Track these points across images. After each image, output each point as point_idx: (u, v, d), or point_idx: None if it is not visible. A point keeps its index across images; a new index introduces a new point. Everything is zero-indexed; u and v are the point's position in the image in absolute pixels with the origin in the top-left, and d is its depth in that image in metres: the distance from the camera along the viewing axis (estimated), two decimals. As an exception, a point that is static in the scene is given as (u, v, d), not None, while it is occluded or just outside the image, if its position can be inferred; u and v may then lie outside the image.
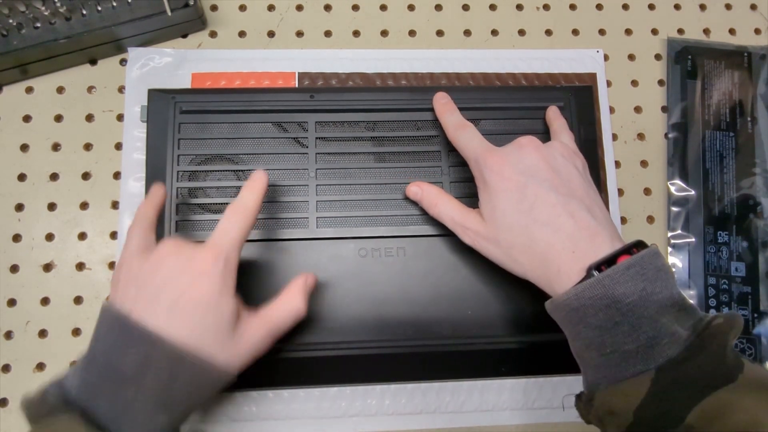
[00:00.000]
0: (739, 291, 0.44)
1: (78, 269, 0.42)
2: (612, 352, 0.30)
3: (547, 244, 0.32)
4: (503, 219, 0.34)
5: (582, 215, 0.32)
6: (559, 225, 0.32)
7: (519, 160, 0.34)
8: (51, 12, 0.41)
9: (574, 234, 0.32)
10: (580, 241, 0.32)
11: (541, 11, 0.49)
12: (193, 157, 0.40)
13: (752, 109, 0.47)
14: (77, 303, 0.41)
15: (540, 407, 0.42)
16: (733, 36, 0.50)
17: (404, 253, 0.40)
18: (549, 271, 0.32)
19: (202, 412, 0.40)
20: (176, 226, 0.39)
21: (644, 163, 0.47)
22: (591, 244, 0.31)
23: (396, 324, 0.39)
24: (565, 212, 0.32)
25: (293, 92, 0.43)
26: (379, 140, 0.42)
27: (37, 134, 0.44)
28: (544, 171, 0.34)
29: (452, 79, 0.46)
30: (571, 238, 0.32)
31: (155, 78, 0.44)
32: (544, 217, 0.33)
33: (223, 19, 0.47)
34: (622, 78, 0.48)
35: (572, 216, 0.32)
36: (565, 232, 0.32)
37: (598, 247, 0.31)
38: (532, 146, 0.35)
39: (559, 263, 0.32)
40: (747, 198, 0.46)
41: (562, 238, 0.32)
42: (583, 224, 0.32)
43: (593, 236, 0.32)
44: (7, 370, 0.40)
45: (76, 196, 0.43)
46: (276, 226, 0.40)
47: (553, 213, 0.32)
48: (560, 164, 0.35)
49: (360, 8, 0.48)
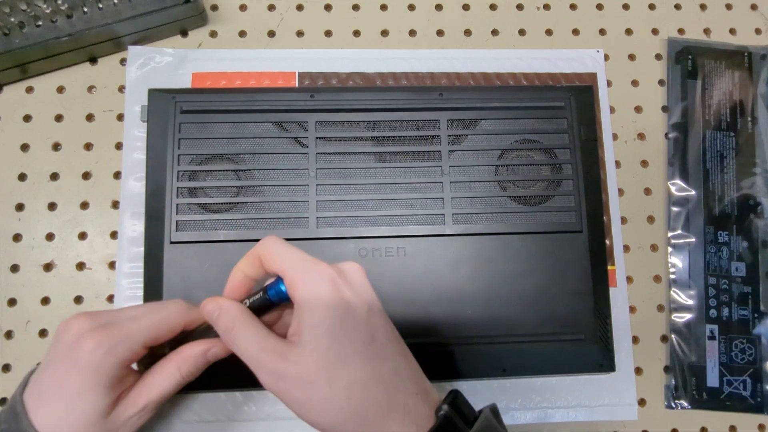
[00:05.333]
0: (739, 291, 0.44)
1: (78, 269, 0.42)
2: None
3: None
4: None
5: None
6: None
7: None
8: (52, 10, 0.41)
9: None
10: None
11: (541, 11, 0.49)
12: (193, 157, 0.40)
13: (753, 109, 0.47)
14: (77, 303, 0.41)
15: (540, 407, 0.42)
16: (733, 36, 0.50)
17: (404, 253, 0.40)
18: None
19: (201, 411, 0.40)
20: (176, 225, 0.39)
21: (644, 163, 0.47)
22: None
23: (396, 324, 0.39)
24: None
25: (293, 92, 0.43)
26: (380, 140, 0.42)
27: (38, 134, 0.44)
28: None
29: (452, 79, 0.46)
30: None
31: (155, 78, 0.44)
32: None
33: (223, 18, 0.47)
34: (622, 78, 0.48)
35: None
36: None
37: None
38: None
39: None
40: (747, 198, 0.46)
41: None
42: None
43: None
44: (7, 370, 0.40)
45: (77, 195, 0.43)
46: (276, 226, 0.40)
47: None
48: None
49: (360, 8, 0.48)
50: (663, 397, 0.43)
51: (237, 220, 0.40)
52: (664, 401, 0.43)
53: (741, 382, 0.43)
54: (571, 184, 0.42)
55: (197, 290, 0.38)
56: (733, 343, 0.43)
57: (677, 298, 0.44)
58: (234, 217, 0.40)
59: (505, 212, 0.41)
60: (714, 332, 0.43)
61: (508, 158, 0.42)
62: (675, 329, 0.44)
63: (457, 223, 0.41)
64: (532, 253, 0.41)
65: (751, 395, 0.43)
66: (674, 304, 0.44)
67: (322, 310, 0.28)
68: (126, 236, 0.42)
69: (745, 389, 0.43)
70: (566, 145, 0.42)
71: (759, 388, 0.43)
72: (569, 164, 0.42)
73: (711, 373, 0.43)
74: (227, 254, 0.39)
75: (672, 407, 0.43)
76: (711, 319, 0.44)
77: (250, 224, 0.40)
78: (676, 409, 0.43)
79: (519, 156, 0.42)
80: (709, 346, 0.43)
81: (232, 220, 0.40)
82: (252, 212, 0.40)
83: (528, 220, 0.41)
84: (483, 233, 0.41)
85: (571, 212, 0.41)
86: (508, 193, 0.42)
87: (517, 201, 0.42)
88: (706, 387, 0.43)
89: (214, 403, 0.40)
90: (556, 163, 0.42)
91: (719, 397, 0.43)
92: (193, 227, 0.39)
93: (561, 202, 0.42)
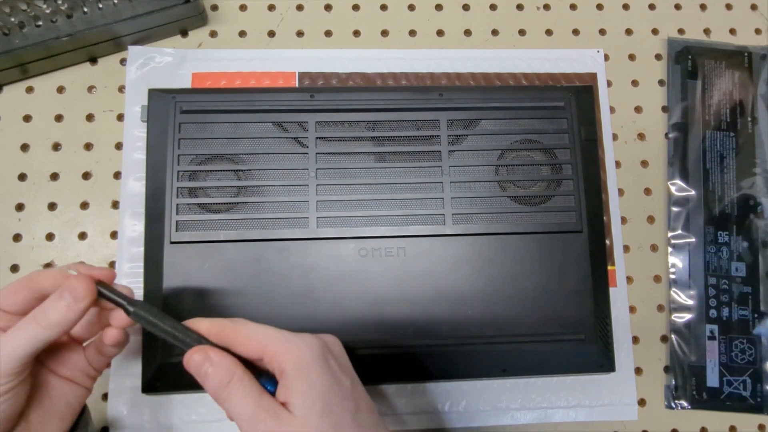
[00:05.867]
0: (739, 291, 0.44)
1: (78, 269, 0.42)
2: None
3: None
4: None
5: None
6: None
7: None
8: (52, 10, 0.41)
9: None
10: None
11: (541, 11, 0.49)
12: (193, 157, 0.40)
13: (753, 109, 0.47)
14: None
15: (540, 407, 0.42)
16: (733, 36, 0.50)
17: (404, 253, 0.40)
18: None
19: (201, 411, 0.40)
20: (176, 225, 0.39)
21: (644, 163, 0.47)
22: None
23: (396, 324, 0.39)
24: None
25: (293, 92, 0.43)
26: (380, 140, 0.42)
27: (38, 134, 0.44)
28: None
29: (452, 79, 0.46)
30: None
31: (155, 78, 0.44)
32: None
33: (223, 18, 0.47)
34: (622, 78, 0.48)
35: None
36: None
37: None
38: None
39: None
40: (747, 198, 0.46)
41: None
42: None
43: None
44: (7, 370, 0.40)
45: (77, 195, 0.43)
46: (276, 226, 0.40)
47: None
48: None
49: (360, 8, 0.48)
50: (663, 397, 0.43)
51: (237, 220, 0.40)
52: (664, 401, 0.43)
53: (741, 382, 0.43)
54: (571, 184, 0.42)
55: (197, 290, 0.38)
56: (733, 343, 0.43)
57: (677, 298, 0.44)
58: (234, 217, 0.40)
59: (505, 212, 0.41)
60: (714, 332, 0.43)
61: (508, 158, 0.42)
62: (675, 329, 0.44)
63: (457, 223, 0.41)
64: (532, 253, 0.41)
65: (751, 395, 0.43)
66: (674, 304, 0.44)
67: (314, 377, 0.28)
68: (126, 236, 0.42)
69: (745, 389, 0.43)
70: (566, 145, 0.42)
71: (759, 388, 0.43)
72: (569, 164, 0.42)
73: (711, 373, 0.43)
74: (227, 254, 0.39)
75: (672, 407, 0.43)
76: (711, 319, 0.44)
77: (250, 224, 0.40)
78: (676, 409, 0.43)
79: (519, 156, 0.42)
80: (709, 346, 0.43)
81: (232, 220, 0.40)
82: (252, 212, 0.40)
83: (528, 220, 0.41)
84: (483, 233, 0.41)
85: (571, 212, 0.41)
86: (508, 193, 0.42)
87: (517, 201, 0.42)
88: (706, 387, 0.43)
89: (214, 403, 0.40)
90: (556, 163, 0.42)
91: (719, 397, 0.43)
92: (193, 227, 0.39)
93: (561, 202, 0.42)
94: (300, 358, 0.28)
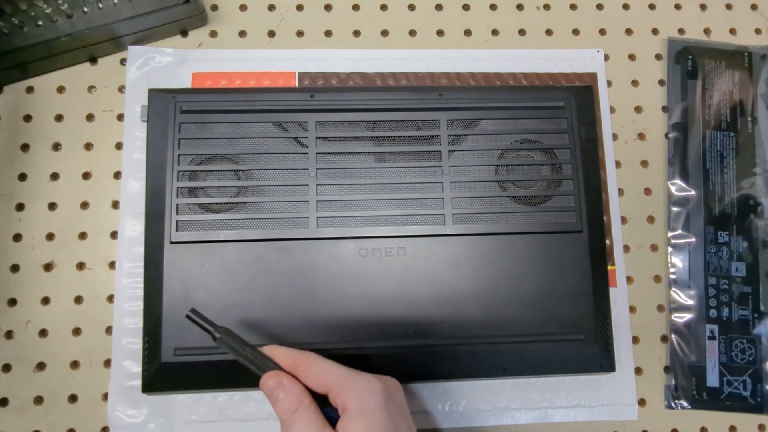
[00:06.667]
0: (739, 291, 0.44)
1: (78, 269, 0.42)
2: None
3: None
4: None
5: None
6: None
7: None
8: (53, 10, 0.41)
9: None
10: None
11: (541, 11, 0.49)
12: (193, 157, 0.40)
13: (753, 109, 0.47)
14: (77, 303, 0.41)
15: (540, 407, 0.42)
16: (733, 36, 0.50)
17: (404, 253, 0.40)
18: None
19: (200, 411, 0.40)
20: (176, 225, 0.39)
21: (644, 163, 0.47)
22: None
23: (396, 324, 0.39)
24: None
25: (293, 92, 0.43)
26: (380, 140, 0.42)
27: (38, 134, 0.44)
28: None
29: (452, 79, 0.46)
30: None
31: (155, 78, 0.44)
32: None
33: (223, 18, 0.47)
34: (622, 78, 0.48)
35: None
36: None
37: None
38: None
39: None
40: (747, 198, 0.46)
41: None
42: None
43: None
44: (7, 370, 0.40)
45: (77, 195, 0.43)
46: (276, 226, 0.40)
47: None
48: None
49: (360, 8, 0.48)
50: (663, 397, 0.43)
51: (237, 220, 0.40)
52: (664, 401, 0.43)
53: (741, 382, 0.43)
54: (571, 184, 0.42)
55: (197, 290, 0.38)
56: (733, 343, 0.43)
57: (677, 298, 0.44)
58: (234, 217, 0.40)
59: (505, 212, 0.41)
60: (714, 332, 0.43)
61: (508, 158, 0.42)
62: (675, 329, 0.44)
63: (457, 223, 0.41)
64: (532, 253, 0.41)
65: (751, 395, 0.43)
66: (674, 304, 0.44)
67: (374, 420, 0.30)
68: (126, 236, 0.42)
69: (745, 389, 0.43)
70: (566, 145, 0.42)
71: (759, 388, 0.43)
72: (569, 164, 0.42)
73: (711, 373, 0.43)
74: (227, 254, 0.39)
75: (672, 407, 0.43)
76: (711, 319, 0.44)
77: (250, 224, 0.40)
78: (676, 409, 0.43)
79: (519, 156, 0.42)
80: (709, 346, 0.43)
81: (232, 220, 0.40)
82: (252, 212, 0.40)
83: (528, 220, 0.41)
84: (483, 233, 0.41)
85: (571, 212, 0.41)
86: (508, 193, 0.42)
87: (517, 201, 0.42)
88: (706, 387, 0.43)
89: (214, 403, 0.40)
90: (556, 163, 0.42)
91: (719, 397, 0.43)
92: (193, 227, 0.39)
93: (561, 202, 0.42)
94: (364, 399, 0.30)
